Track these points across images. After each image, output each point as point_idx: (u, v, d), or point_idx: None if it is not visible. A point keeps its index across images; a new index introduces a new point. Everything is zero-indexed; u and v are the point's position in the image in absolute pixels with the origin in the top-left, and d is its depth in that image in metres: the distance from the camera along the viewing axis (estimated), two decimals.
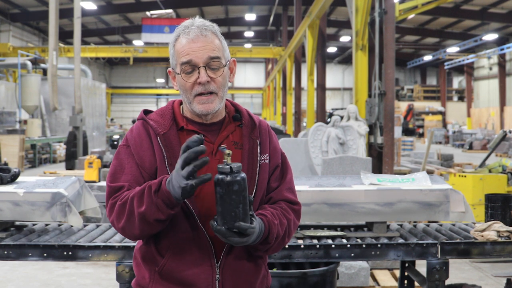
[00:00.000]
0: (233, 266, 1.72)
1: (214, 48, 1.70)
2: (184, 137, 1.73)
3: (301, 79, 21.83)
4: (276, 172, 1.83)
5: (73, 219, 2.92)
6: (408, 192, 3.11)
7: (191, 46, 1.68)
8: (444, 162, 14.15)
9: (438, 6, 14.01)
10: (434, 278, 3.01)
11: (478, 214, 5.98)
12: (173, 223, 1.70)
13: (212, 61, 1.69)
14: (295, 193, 1.86)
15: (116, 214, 1.66)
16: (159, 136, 1.72)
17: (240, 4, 28.75)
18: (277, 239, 1.72)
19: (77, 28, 16.33)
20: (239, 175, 1.54)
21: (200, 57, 1.68)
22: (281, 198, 1.81)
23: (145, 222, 1.61)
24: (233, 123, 1.80)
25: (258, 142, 1.79)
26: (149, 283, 1.73)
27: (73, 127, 15.77)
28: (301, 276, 3.08)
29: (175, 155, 1.69)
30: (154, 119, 1.76)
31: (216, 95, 1.71)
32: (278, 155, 1.85)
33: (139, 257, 1.79)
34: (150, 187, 1.59)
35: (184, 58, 1.69)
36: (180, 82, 1.72)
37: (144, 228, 1.63)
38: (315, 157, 7.99)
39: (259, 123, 1.83)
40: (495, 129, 31.47)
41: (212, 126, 1.77)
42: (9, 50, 23.41)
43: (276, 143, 1.87)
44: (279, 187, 1.82)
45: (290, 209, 1.80)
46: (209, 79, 1.69)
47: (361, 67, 9.67)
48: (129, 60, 31.54)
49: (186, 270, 1.70)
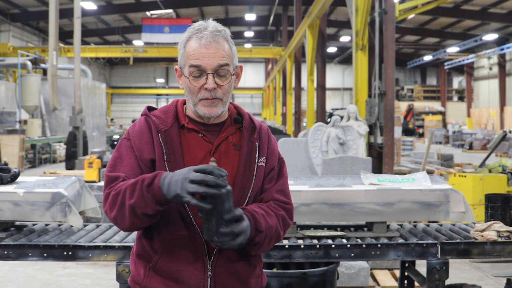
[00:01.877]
0: (226, 264, 1.74)
1: (224, 55, 1.71)
2: (185, 135, 1.76)
3: (301, 79, 21.83)
4: (271, 174, 1.84)
5: (73, 219, 2.92)
6: (408, 192, 3.11)
7: (202, 51, 1.69)
8: (444, 162, 14.16)
9: (438, 6, 14.01)
10: (434, 278, 3.00)
11: (478, 214, 5.99)
12: (168, 220, 1.72)
13: (221, 69, 1.71)
14: (287, 196, 1.86)
15: (109, 204, 1.68)
16: (161, 132, 1.74)
17: (240, 4, 28.76)
18: (275, 230, 1.74)
19: (77, 28, 16.33)
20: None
21: (209, 64, 1.69)
22: (270, 198, 1.82)
23: (135, 214, 1.63)
24: (234, 125, 1.82)
25: (257, 144, 1.80)
26: (143, 279, 1.76)
27: (73, 127, 15.78)
28: (301, 276, 3.08)
29: (175, 152, 1.72)
30: (157, 116, 1.78)
31: (221, 100, 1.73)
32: (275, 159, 1.86)
33: (135, 253, 1.82)
34: (144, 180, 1.61)
35: (194, 62, 1.70)
36: (187, 84, 1.74)
37: (134, 220, 1.64)
38: (315, 157, 7.99)
39: (260, 126, 1.85)
40: (495, 129, 31.48)
41: (213, 126, 1.78)
42: (9, 50, 23.42)
43: (274, 147, 1.88)
44: (271, 188, 1.83)
45: (279, 206, 1.81)
46: (216, 86, 1.71)
47: (361, 67, 9.67)
48: (129, 60, 31.57)
49: (179, 267, 1.72)
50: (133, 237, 3.13)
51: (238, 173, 1.75)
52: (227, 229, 1.55)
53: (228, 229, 1.55)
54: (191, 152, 1.73)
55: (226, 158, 1.75)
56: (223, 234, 1.55)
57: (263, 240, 1.71)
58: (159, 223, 1.73)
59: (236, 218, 1.57)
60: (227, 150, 1.77)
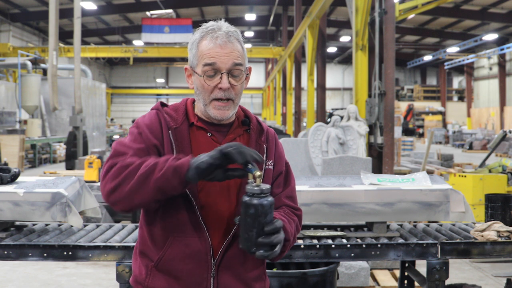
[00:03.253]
0: (230, 263, 1.73)
1: (238, 55, 1.72)
2: (194, 132, 1.76)
3: (301, 79, 21.82)
4: (279, 178, 1.85)
5: (73, 219, 2.92)
6: (408, 192, 3.11)
7: (217, 50, 1.70)
8: (444, 162, 14.16)
9: (438, 6, 14.01)
10: (434, 278, 3.00)
11: (478, 214, 5.99)
12: (173, 217, 1.71)
13: (235, 68, 1.72)
14: (296, 201, 1.88)
15: (112, 174, 1.62)
16: (171, 129, 1.74)
17: (240, 4, 28.76)
18: (294, 237, 1.77)
19: (77, 28, 16.33)
20: (257, 199, 1.53)
21: (225, 63, 1.70)
22: (281, 204, 1.83)
23: (145, 185, 1.57)
24: (241, 127, 1.82)
25: (264, 147, 1.81)
26: (145, 278, 1.75)
27: (73, 127, 15.78)
28: (301, 276, 3.08)
29: (184, 149, 1.71)
30: (168, 113, 1.78)
31: (233, 102, 1.74)
32: (283, 163, 1.87)
33: (138, 252, 1.81)
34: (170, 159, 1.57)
35: (209, 60, 1.70)
36: (200, 83, 1.73)
37: (138, 191, 1.58)
38: (315, 157, 7.99)
39: (267, 130, 1.86)
40: (495, 129, 31.48)
41: (221, 127, 1.79)
42: (9, 50, 23.41)
43: (281, 151, 1.89)
44: (281, 193, 1.84)
45: (292, 213, 1.83)
46: (229, 86, 1.71)
47: (361, 67, 9.67)
48: (129, 60, 31.56)
49: (182, 265, 1.71)
50: (133, 237, 3.13)
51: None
52: (266, 240, 1.55)
53: (267, 240, 1.55)
54: (200, 150, 1.72)
55: None
56: (262, 245, 1.55)
57: (287, 248, 1.74)
58: (165, 220, 1.72)
59: (276, 230, 1.57)
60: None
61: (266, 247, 1.56)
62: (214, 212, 1.71)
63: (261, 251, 1.55)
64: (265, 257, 1.58)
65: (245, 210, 1.53)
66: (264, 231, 1.54)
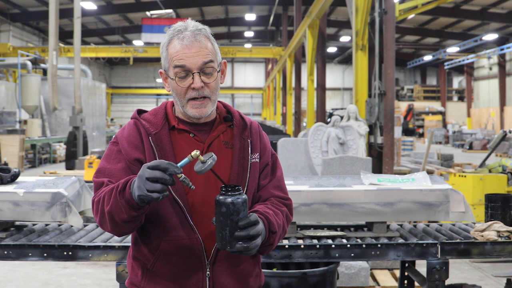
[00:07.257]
0: (224, 263, 1.73)
1: (207, 53, 1.71)
2: (175, 136, 1.76)
3: (301, 79, 21.83)
4: (266, 169, 1.84)
5: (73, 219, 2.92)
6: (408, 192, 3.11)
7: (185, 51, 1.69)
8: (444, 162, 14.16)
9: (438, 6, 14.01)
10: (434, 278, 3.00)
11: (478, 214, 5.99)
12: (163, 221, 1.71)
13: (206, 66, 1.71)
14: (284, 191, 1.87)
15: (94, 211, 1.68)
16: (151, 135, 1.73)
17: (240, 4, 28.77)
18: (282, 228, 1.75)
19: (77, 28, 16.33)
20: (230, 197, 1.52)
21: (194, 63, 1.69)
22: (269, 195, 1.82)
23: (113, 221, 1.61)
24: (224, 123, 1.82)
25: (249, 141, 1.80)
26: (141, 281, 1.75)
27: (73, 127, 15.78)
28: (301, 276, 3.08)
29: (167, 154, 1.71)
30: (146, 119, 1.78)
31: (209, 99, 1.73)
32: (268, 154, 1.87)
33: (132, 255, 1.81)
34: (118, 186, 1.59)
35: (178, 62, 1.70)
36: (173, 86, 1.74)
37: (114, 227, 1.63)
38: (315, 157, 7.99)
39: (250, 123, 1.85)
40: (495, 129, 31.48)
41: (203, 126, 1.78)
42: (9, 50, 23.40)
43: (266, 143, 1.88)
44: (268, 184, 1.83)
45: (280, 203, 1.82)
46: (203, 85, 1.71)
47: (361, 67, 9.67)
48: (129, 60, 31.53)
49: (177, 268, 1.71)
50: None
51: (232, 171, 1.75)
52: (242, 233, 1.53)
53: (244, 233, 1.53)
54: (183, 153, 1.72)
55: (218, 156, 1.74)
56: (239, 238, 1.53)
57: (276, 239, 1.73)
58: (155, 224, 1.72)
59: (251, 223, 1.55)
60: (219, 148, 1.77)
61: (244, 240, 1.54)
62: (203, 213, 1.71)
63: (240, 243, 1.53)
64: (246, 249, 1.54)
65: (218, 209, 1.52)
66: (238, 226, 1.53)
